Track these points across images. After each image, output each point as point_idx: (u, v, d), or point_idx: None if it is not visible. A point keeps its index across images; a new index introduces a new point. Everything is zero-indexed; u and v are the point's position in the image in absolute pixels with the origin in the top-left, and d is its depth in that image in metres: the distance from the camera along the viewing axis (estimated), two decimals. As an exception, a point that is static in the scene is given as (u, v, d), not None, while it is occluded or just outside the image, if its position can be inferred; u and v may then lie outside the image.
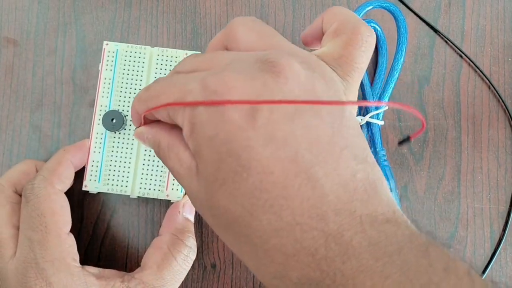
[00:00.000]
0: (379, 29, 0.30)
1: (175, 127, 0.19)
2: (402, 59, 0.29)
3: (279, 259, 0.15)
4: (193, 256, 0.27)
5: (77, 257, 0.25)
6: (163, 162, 0.19)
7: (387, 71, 0.30)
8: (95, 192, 0.28)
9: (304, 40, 0.22)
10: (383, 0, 0.29)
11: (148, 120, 0.21)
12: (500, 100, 0.31)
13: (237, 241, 0.17)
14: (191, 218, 0.28)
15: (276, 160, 0.15)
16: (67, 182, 0.26)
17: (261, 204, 0.15)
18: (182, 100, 0.17)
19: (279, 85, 0.16)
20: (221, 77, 0.16)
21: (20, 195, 0.26)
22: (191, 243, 0.27)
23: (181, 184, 0.19)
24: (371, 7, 0.29)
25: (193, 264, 0.28)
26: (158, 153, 0.19)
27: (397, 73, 0.29)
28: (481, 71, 0.31)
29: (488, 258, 0.30)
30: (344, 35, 0.19)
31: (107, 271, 0.26)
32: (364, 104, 0.30)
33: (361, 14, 0.29)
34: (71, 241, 0.25)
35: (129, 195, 0.28)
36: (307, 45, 0.22)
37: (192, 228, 0.27)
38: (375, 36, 0.19)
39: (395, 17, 0.29)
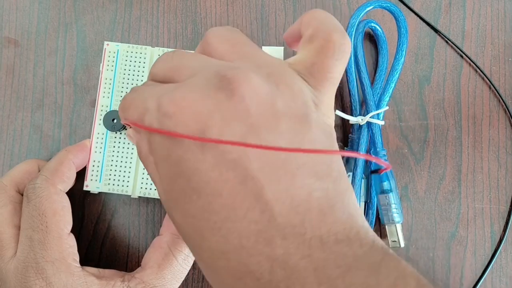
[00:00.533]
0: (379, 29, 0.30)
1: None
2: (402, 59, 0.29)
3: (227, 280, 0.16)
4: (193, 256, 0.27)
5: (77, 258, 0.25)
6: (144, 166, 0.20)
7: (387, 71, 0.30)
8: (96, 192, 0.28)
9: (286, 41, 0.22)
10: (384, 0, 0.29)
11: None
12: (501, 100, 0.31)
13: (195, 255, 0.17)
14: None
15: (225, 182, 0.15)
16: (69, 182, 0.26)
17: (210, 226, 0.15)
18: (141, 118, 0.17)
19: (233, 103, 0.16)
20: (174, 97, 0.16)
21: (22, 195, 0.26)
22: None
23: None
24: (371, 7, 0.29)
25: (193, 264, 0.28)
26: (140, 158, 0.20)
27: (398, 73, 0.29)
28: (481, 71, 0.31)
29: (489, 258, 0.30)
30: (317, 42, 0.18)
31: (107, 271, 0.26)
32: (335, 153, 0.29)
33: (361, 14, 0.29)
34: (71, 241, 0.25)
35: (130, 195, 0.28)
36: (289, 46, 0.22)
37: None
38: (350, 44, 0.18)
39: (395, 17, 0.29)
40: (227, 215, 0.15)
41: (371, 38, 0.31)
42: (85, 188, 0.28)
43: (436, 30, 0.32)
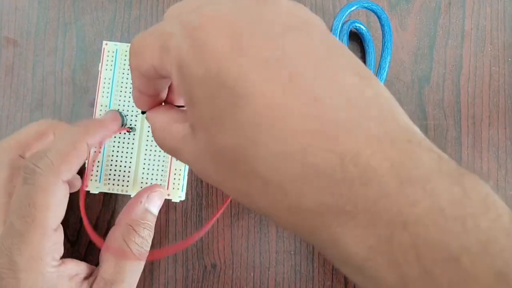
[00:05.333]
0: (364, 28, 0.30)
1: (171, 109, 0.19)
2: (389, 57, 0.29)
3: (292, 189, 0.14)
4: (147, 248, 0.26)
5: (59, 253, 0.23)
6: (161, 146, 0.19)
7: (375, 71, 0.30)
8: (96, 192, 0.28)
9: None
10: (365, 0, 0.29)
11: (152, 103, 0.20)
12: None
13: (246, 183, 0.15)
14: (154, 210, 0.27)
15: (273, 82, 0.14)
16: (76, 169, 0.23)
17: (264, 130, 0.14)
18: (166, 46, 0.16)
19: (264, 7, 0.16)
20: (200, 12, 0.16)
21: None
22: (146, 234, 0.26)
23: (183, 161, 0.18)
24: (354, 7, 0.29)
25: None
26: (155, 138, 0.19)
27: (385, 72, 0.29)
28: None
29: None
30: None
31: (82, 266, 0.25)
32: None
33: (344, 16, 0.29)
34: (56, 237, 0.23)
35: (130, 195, 0.28)
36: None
37: (151, 220, 0.27)
38: None
39: (378, 16, 0.29)
40: (283, 114, 0.14)
41: (360, 38, 0.31)
42: (85, 189, 0.28)
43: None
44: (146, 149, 0.28)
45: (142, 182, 0.28)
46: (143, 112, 0.21)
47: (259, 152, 0.14)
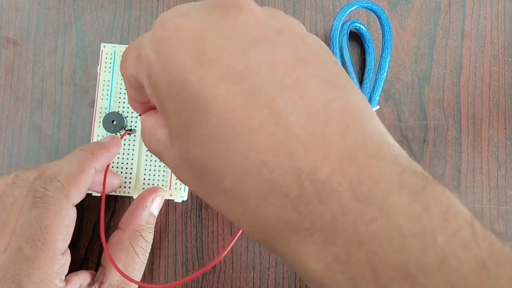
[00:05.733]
0: (364, 28, 0.30)
1: (157, 112, 0.19)
2: (389, 57, 0.29)
3: (252, 204, 0.14)
4: (149, 250, 0.27)
5: (65, 273, 0.23)
6: (148, 149, 0.19)
7: (375, 70, 0.30)
8: (99, 195, 0.28)
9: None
10: (365, 0, 0.29)
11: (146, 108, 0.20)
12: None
13: (215, 195, 0.15)
14: (156, 213, 0.28)
15: (234, 96, 0.14)
16: (84, 194, 0.24)
17: (224, 145, 0.14)
18: (139, 56, 0.16)
19: (231, 19, 0.15)
20: (167, 24, 0.16)
21: None
22: (150, 238, 0.27)
23: (166, 165, 0.18)
24: (354, 7, 0.29)
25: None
26: (143, 140, 0.19)
27: (385, 72, 0.29)
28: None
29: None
30: None
31: (82, 275, 0.25)
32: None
33: (344, 16, 0.29)
34: (64, 260, 0.23)
35: (132, 196, 0.28)
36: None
37: (154, 223, 0.27)
38: None
39: (378, 16, 0.29)
40: (241, 130, 0.14)
41: (360, 38, 0.31)
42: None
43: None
44: (147, 150, 0.28)
45: (144, 183, 0.28)
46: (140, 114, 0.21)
47: (221, 167, 0.14)
